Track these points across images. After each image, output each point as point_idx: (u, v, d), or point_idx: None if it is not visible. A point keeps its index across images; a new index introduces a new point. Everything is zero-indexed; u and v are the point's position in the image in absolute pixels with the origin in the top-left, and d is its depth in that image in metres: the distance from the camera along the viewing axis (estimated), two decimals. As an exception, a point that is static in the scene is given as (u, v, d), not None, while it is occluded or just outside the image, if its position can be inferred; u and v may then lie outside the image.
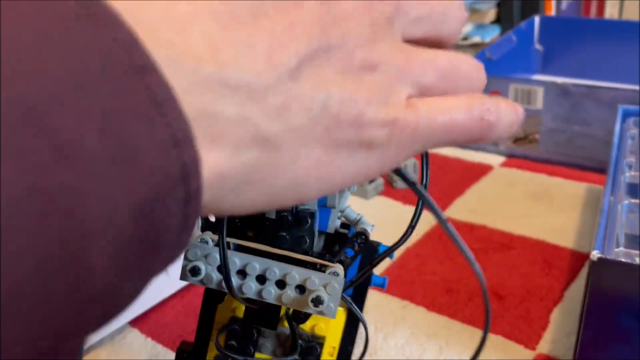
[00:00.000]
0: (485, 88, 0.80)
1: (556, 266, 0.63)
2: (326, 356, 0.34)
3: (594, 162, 0.82)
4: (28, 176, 0.12)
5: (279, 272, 0.28)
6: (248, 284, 0.28)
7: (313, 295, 0.27)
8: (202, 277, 0.28)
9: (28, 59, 0.12)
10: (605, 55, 1.09)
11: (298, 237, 0.29)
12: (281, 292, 0.28)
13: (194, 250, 0.28)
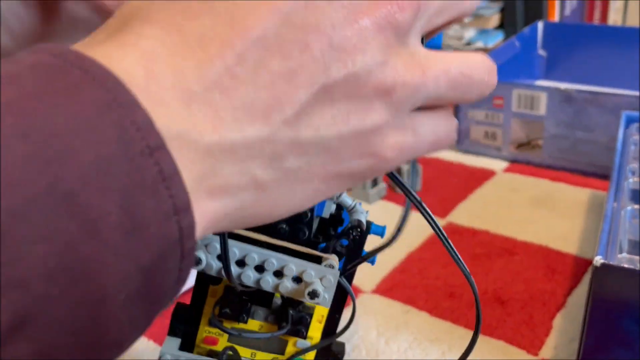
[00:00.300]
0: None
1: (559, 272, 0.63)
2: (315, 323, 0.36)
3: (597, 168, 0.82)
4: (62, 250, 0.14)
5: (277, 264, 0.29)
6: (247, 274, 0.29)
7: (309, 288, 0.29)
8: (202, 266, 0.29)
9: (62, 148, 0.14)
10: (609, 61, 1.09)
11: (296, 229, 0.30)
12: (278, 281, 0.29)
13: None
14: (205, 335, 0.35)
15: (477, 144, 0.92)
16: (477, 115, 0.90)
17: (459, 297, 0.59)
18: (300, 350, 0.36)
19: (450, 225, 0.73)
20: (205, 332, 0.35)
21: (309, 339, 0.36)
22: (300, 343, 0.36)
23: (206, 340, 0.35)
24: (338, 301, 0.35)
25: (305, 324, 0.34)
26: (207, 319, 0.35)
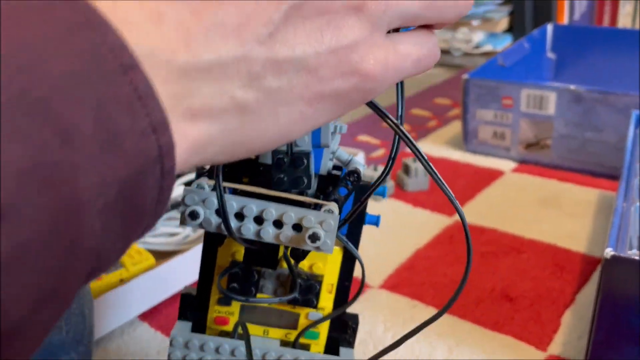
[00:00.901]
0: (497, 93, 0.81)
1: (568, 270, 0.62)
2: (325, 293, 0.35)
3: (605, 168, 0.82)
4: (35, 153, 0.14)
5: (276, 213, 0.29)
6: (246, 226, 0.29)
7: (310, 232, 0.28)
8: (200, 220, 0.29)
9: (33, 58, 0.14)
10: (618, 64, 1.09)
11: (295, 178, 0.30)
12: (279, 231, 0.29)
13: (191, 195, 0.29)
14: (216, 316, 0.35)
15: (485, 145, 0.92)
16: (486, 115, 0.90)
17: (466, 293, 0.59)
18: (313, 322, 0.35)
19: (458, 223, 0.72)
20: (215, 313, 0.35)
21: (320, 310, 0.35)
22: (312, 315, 0.35)
23: (217, 321, 0.35)
24: (346, 268, 0.35)
25: (314, 292, 0.34)
26: (216, 299, 0.35)
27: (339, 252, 0.35)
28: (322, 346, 0.36)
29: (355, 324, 0.37)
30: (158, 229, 0.65)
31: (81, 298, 0.37)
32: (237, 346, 0.35)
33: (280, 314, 0.35)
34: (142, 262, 0.57)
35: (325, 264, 0.35)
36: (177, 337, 0.35)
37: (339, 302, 0.35)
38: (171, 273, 0.58)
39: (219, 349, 0.35)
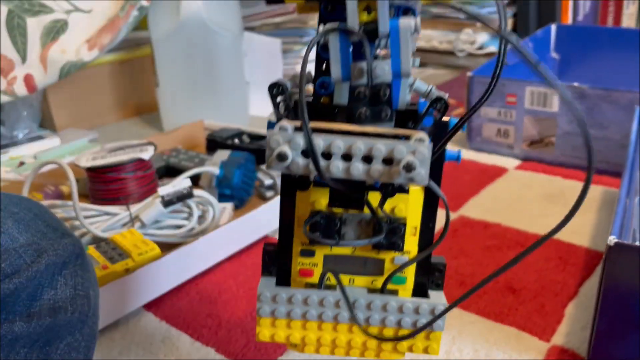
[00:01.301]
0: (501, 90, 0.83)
1: (571, 263, 0.62)
2: (409, 236, 0.34)
3: (610, 165, 0.82)
4: None
5: (364, 147, 0.27)
6: (334, 164, 0.27)
7: (404, 162, 0.27)
8: (289, 162, 0.27)
9: None
10: (622, 63, 1.09)
11: (377, 111, 0.29)
12: (369, 166, 0.27)
13: (276, 137, 0.27)
14: (300, 268, 0.34)
15: (489, 142, 0.92)
16: (490, 112, 0.90)
17: (470, 285, 0.59)
18: (399, 266, 0.34)
19: (462, 218, 0.73)
20: (299, 265, 0.34)
21: (405, 253, 0.34)
22: (397, 259, 0.34)
23: (301, 273, 0.34)
24: (429, 208, 0.34)
25: (399, 234, 0.33)
26: (298, 251, 0.34)
27: (419, 193, 0.33)
28: (410, 291, 0.35)
29: (443, 266, 0.36)
30: (164, 221, 0.66)
31: (86, 280, 0.37)
32: (325, 296, 0.34)
33: (364, 261, 0.34)
34: (147, 253, 0.57)
35: (407, 206, 0.33)
36: (264, 292, 0.34)
37: (424, 244, 0.34)
38: (177, 264, 0.58)
39: (307, 300, 0.34)
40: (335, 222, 0.32)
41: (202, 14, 1.01)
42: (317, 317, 0.35)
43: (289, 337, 0.35)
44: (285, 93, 0.31)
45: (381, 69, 0.28)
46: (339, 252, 0.34)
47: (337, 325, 0.35)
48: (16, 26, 0.97)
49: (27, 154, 0.99)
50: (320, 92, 0.32)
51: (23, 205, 0.38)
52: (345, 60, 0.29)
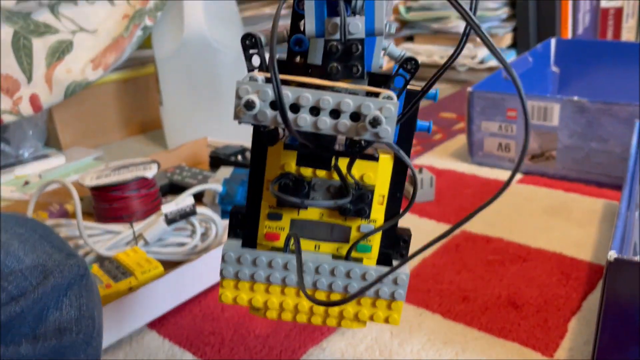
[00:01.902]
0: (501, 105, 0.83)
1: (574, 278, 0.62)
2: (376, 205, 0.34)
3: (611, 178, 0.82)
4: None
5: (333, 101, 0.27)
6: (302, 117, 0.28)
7: (370, 117, 0.27)
8: (256, 111, 0.27)
9: None
10: (622, 77, 1.10)
11: (350, 66, 0.29)
12: (336, 120, 0.28)
13: (245, 87, 0.28)
14: (266, 232, 0.34)
15: (490, 156, 0.92)
16: (491, 127, 0.90)
17: (473, 300, 0.59)
18: (365, 234, 0.34)
19: (464, 233, 0.73)
20: (266, 228, 0.34)
21: (372, 222, 0.34)
22: (364, 227, 0.34)
23: (267, 237, 0.34)
24: (397, 179, 0.34)
25: (366, 201, 0.33)
26: (266, 214, 0.34)
27: (389, 161, 0.34)
28: (374, 260, 0.35)
29: (408, 237, 0.36)
30: (167, 239, 0.66)
31: (91, 300, 0.38)
32: (289, 260, 0.34)
33: (331, 227, 0.34)
34: (151, 271, 0.58)
35: (375, 174, 0.33)
36: (228, 252, 0.34)
37: (391, 214, 0.34)
38: (180, 282, 0.59)
39: (271, 262, 0.34)
40: (303, 185, 0.33)
41: (204, 33, 1.02)
42: (281, 280, 0.34)
43: (251, 300, 0.35)
44: (258, 46, 0.31)
45: (355, 25, 0.28)
46: (306, 217, 0.34)
47: (300, 291, 0.35)
48: (22, 47, 0.98)
49: (33, 172, 1.00)
50: (295, 49, 0.32)
51: (29, 226, 0.39)
52: (320, 15, 0.29)
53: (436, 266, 0.65)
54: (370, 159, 0.33)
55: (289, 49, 0.32)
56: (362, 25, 0.28)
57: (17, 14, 0.97)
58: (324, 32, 0.29)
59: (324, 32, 0.29)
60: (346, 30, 0.28)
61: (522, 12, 1.45)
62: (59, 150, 1.11)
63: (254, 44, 0.31)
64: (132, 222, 0.67)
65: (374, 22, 0.28)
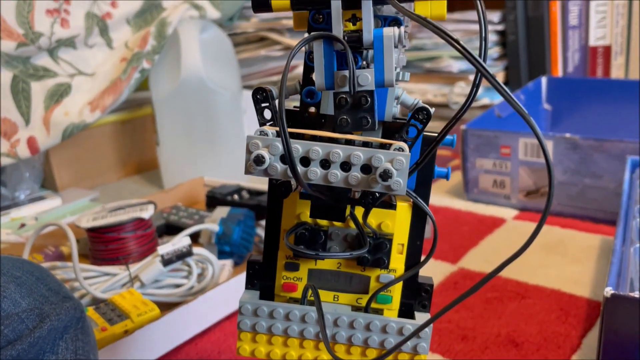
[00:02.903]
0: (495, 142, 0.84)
1: (573, 314, 0.62)
2: (395, 254, 0.33)
3: (606, 214, 0.83)
4: None
5: (343, 154, 0.27)
6: (313, 170, 0.28)
7: (380, 169, 0.27)
8: (266, 166, 0.27)
9: None
10: (613, 113, 1.12)
11: (359, 118, 0.28)
12: (347, 174, 0.28)
13: (255, 141, 0.28)
14: (284, 282, 0.34)
15: (486, 193, 0.93)
16: (485, 164, 0.91)
17: (472, 339, 0.58)
18: (384, 284, 0.33)
19: (462, 270, 0.73)
20: (283, 279, 0.34)
21: (391, 272, 0.33)
22: (383, 277, 0.33)
23: (285, 287, 0.34)
24: (416, 226, 0.33)
25: (384, 250, 0.32)
26: (283, 265, 0.34)
27: (407, 210, 0.33)
28: (396, 311, 0.34)
29: (430, 287, 0.35)
30: (163, 280, 0.66)
31: (87, 344, 0.37)
32: (307, 312, 0.33)
33: (349, 277, 0.34)
34: (147, 313, 0.57)
35: (394, 223, 0.33)
36: (245, 305, 0.34)
37: (411, 263, 0.33)
38: (176, 324, 0.58)
39: (288, 315, 0.34)
40: (320, 235, 0.32)
41: (201, 74, 1.04)
42: (299, 333, 0.34)
43: (269, 354, 0.35)
44: (269, 99, 0.31)
45: (364, 77, 0.28)
46: (324, 267, 0.33)
47: (319, 344, 0.34)
48: (21, 90, 1.00)
49: (29, 215, 1.00)
50: (307, 100, 0.32)
51: (25, 269, 0.38)
52: (329, 68, 0.29)
53: (435, 304, 0.65)
54: (388, 207, 0.33)
55: (301, 100, 0.32)
56: (371, 77, 0.28)
57: (16, 59, 0.99)
58: (334, 85, 0.29)
59: (333, 85, 0.29)
60: (355, 83, 0.28)
61: (513, 52, 1.48)
62: (55, 191, 1.11)
63: (265, 97, 0.31)
64: (128, 264, 0.66)
65: (384, 73, 0.28)
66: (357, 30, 0.29)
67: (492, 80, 0.26)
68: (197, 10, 1.15)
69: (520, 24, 1.46)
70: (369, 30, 0.28)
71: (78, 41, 1.05)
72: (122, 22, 1.11)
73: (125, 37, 1.11)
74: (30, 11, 0.98)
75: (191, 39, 1.05)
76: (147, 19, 1.12)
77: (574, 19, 1.42)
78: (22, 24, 0.97)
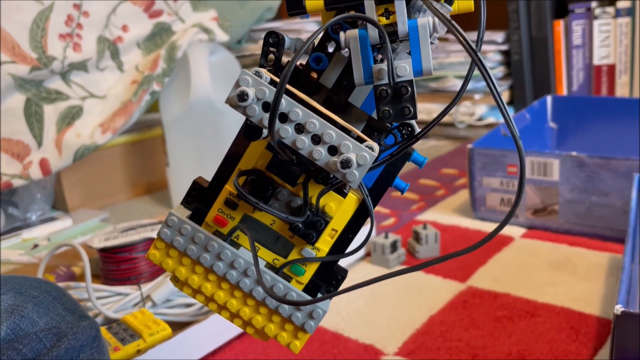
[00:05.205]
0: (502, 161, 0.85)
1: (583, 333, 0.62)
2: (326, 236, 0.34)
3: (614, 231, 0.83)
4: None
5: (319, 127, 0.29)
6: (285, 128, 0.29)
7: (343, 157, 0.28)
8: (247, 103, 0.28)
9: None
10: (618, 131, 1.12)
11: (401, 108, 0.29)
12: (314, 146, 0.29)
13: (246, 78, 0.28)
14: (217, 215, 0.34)
15: (493, 211, 0.93)
16: (493, 182, 0.92)
17: (482, 358, 0.58)
18: (304, 257, 0.35)
19: (471, 289, 0.73)
20: (218, 212, 0.34)
21: (314, 249, 0.34)
22: (305, 251, 0.35)
23: (216, 220, 0.34)
24: (356, 221, 0.34)
25: (318, 228, 0.33)
26: (224, 198, 0.34)
27: (354, 203, 0.34)
28: (303, 286, 0.35)
29: (342, 277, 0.36)
30: (174, 299, 0.66)
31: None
32: (225, 249, 0.34)
33: (276, 237, 0.35)
34: (159, 333, 0.58)
35: (337, 208, 0.34)
36: (172, 217, 0.34)
37: (335, 251, 0.35)
38: (187, 343, 0.59)
39: (207, 245, 0.34)
40: (267, 189, 0.33)
41: (210, 96, 1.06)
42: (209, 266, 0.34)
43: (174, 271, 0.35)
44: (278, 46, 0.32)
45: (402, 68, 0.28)
46: (258, 219, 0.34)
47: (222, 283, 0.35)
48: (34, 113, 1.02)
49: (40, 235, 1.01)
50: (312, 64, 0.33)
51: (42, 289, 0.39)
52: (367, 63, 0.29)
53: (444, 323, 0.65)
54: (339, 193, 0.34)
55: (308, 62, 0.33)
56: (409, 67, 0.28)
57: (30, 82, 1.01)
58: (372, 78, 0.29)
59: (372, 79, 0.29)
60: (394, 74, 0.28)
61: (518, 71, 1.50)
62: (66, 212, 1.12)
63: (275, 43, 0.32)
64: (139, 284, 0.67)
65: (421, 63, 0.29)
66: (391, 24, 0.29)
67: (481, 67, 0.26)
68: (206, 34, 1.17)
69: (524, 44, 1.47)
70: (403, 21, 0.29)
71: (90, 65, 1.07)
72: (133, 46, 1.13)
73: (135, 60, 1.13)
74: (44, 36, 1.00)
75: (200, 61, 1.07)
76: (157, 42, 1.14)
77: (577, 38, 1.43)
78: (36, 49, 0.99)
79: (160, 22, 1.15)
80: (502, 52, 1.52)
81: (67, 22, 1.04)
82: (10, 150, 1.00)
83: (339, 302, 0.71)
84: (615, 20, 1.39)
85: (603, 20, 1.40)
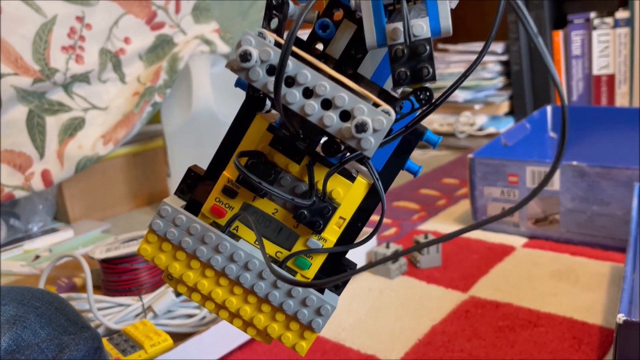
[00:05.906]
0: (502, 170, 0.85)
1: (586, 342, 0.62)
2: (333, 225, 0.31)
3: (616, 241, 0.83)
4: None
5: (329, 89, 0.26)
6: (293, 92, 0.26)
7: (358, 120, 0.25)
8: (250, 64, 0.25)
9: None
10: (618, 141, 1.12)
11: (419, 69, 0.26)
12: (325, 112, 0.26)
13: (249, 38, 0.26)
14: (214, 204, 0.31)
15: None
16: (494, 192, 0.92)
17: (485, 368, 0.58)
18: (310, 249, 0.31)
19: (473, 298, 0.73)
20: (215, 201, 0.31)
21: (321, 240, 0.31)
22: (312, 242, 0.31)
23: (213, 210, 0.31)
24: (365, 208, 0.31)
25: (325, 215, 0.30)
26: (222, 186, 0.31)
27: (364, 187, 0.31)
28: (308, 280, 0.32)
29: (352, 269, 0.33)
30: (176, 310, 0.66)
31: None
32: (223, 241, 0.31)
33: (279, 228, 0.32)
34: (160, 344, 0.57)
35: (345, 194, 0.31)
36: (166, 207, 0.31)
37: (344, 241, 0.32)
38: (189, 354, 0.58)
39: (204, 237, 0.31)
40: (270, 173, 0.30)
41: (212, 107, 1.06)
42: (207, 259, 0.31)
43: (168, 267, 0.32)
44: (283, 9, 0.29)
45: (419, 26, 0.26)
46: (259, 207, 0.31)
47: (220, 278, 0.32)
48: (36, 125, 1.02)
49: (42, 247, 1.01)
50: (318, 32, 0.30)
51: (44, 299, 0.39)
52: (380, 23, 0.27)
53: (447, 333, 0.65)
54: (347, 177, 0.31)
55: (313, 31, 0.30)
56: (426, 26, 0.26)
57: (32, 94, 1.01)
58: (386, 40, 0.27)
59: (385, 42, 0.27)
60: (410, 33, 0.26)
61: (518, 81, 1.50)
62: (67, 223, 1.12)
63: (279, 5, 0.29)
64: (141, 294, 0.67)
65: (439, 20, 0.26)
66: None
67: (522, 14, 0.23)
68: (207, 45, 1.18)
69: (523, 54, 1.48)
70: None
71: (92, 76, 1.08)
72: (135, 58, 1.14)
73: (137, 72, 1.14)
74: (47, 48, 1.01)
75: (202, 73, 1.08)
76: (159, 54, 1.15)
77: (576, 48, 1.44)
78: (38, 61, 1.00)
79: (162, 34, 1.16)
80: (502, 62, 1.52)
81: (69, 34, 1.04)
82: (12, 161, 1.01)
83: (341, 313, 0.71)
84: (614, 31, 1.39)
85: (602, 31, 1.40)
